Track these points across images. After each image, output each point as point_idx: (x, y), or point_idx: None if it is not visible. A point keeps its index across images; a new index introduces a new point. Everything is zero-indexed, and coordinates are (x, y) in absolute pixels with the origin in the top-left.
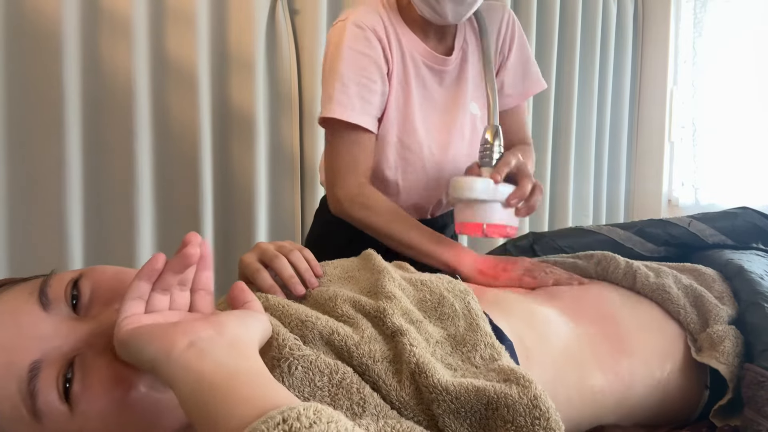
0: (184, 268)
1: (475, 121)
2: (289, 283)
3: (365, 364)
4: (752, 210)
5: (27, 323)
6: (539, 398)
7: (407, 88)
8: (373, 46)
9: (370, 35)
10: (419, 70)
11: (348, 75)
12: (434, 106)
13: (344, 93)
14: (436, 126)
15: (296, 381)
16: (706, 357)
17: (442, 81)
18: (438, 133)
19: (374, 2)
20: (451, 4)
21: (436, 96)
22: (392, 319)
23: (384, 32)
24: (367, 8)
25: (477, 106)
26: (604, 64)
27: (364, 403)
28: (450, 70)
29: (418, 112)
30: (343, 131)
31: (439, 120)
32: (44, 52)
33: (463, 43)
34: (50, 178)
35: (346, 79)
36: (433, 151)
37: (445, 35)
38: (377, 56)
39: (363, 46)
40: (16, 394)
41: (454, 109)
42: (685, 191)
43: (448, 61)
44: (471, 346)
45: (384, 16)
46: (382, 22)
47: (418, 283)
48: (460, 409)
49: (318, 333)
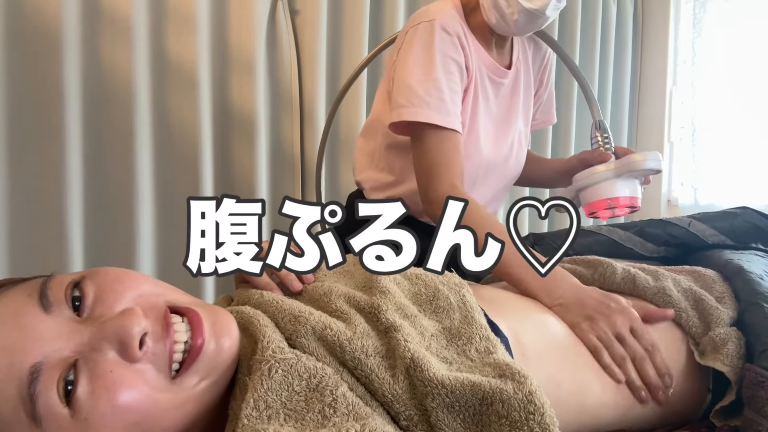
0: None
1: (521, 137)
2: (285, 279)
3: (358, 358)
4: (752, 210)
5: (28, 325)
6: (534, 394)
7: (475, 97)
8: (460, 52)
9: (455, 41)
10: (483, 79)
11: (442, 80)
12: (490, 116)
13: (441, 99)
14: (491, 137)
15: (275, 384)
16: (710, 360)
17: (498, 93)
18: (492, 144)
19: (447, 6)
20: (524, 17)
21: (493, 107)
22: (386, 315)
23: (465, 39)
24: (450, 13)
25: (523, 122)
26: (603, 64)
27: (336, 404)
28: (506, 83)
29: (480, 121)
30: (440, 135)
31: (493, 131)
32: (45, 53)
33: (518, 60)
34: (50, 178)
35: (440, 83)
36: (487, 162)
37: (504, 47)
38: (462, 62)
39: (452, 52)
40: (15, 397)
41: (506, 122)
42: (684, 191)
43: (507, 74)
44: (466, 339)
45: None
46: (462, 29)
47: (413, 276)
48: (454, 403)
49: (311, 328)
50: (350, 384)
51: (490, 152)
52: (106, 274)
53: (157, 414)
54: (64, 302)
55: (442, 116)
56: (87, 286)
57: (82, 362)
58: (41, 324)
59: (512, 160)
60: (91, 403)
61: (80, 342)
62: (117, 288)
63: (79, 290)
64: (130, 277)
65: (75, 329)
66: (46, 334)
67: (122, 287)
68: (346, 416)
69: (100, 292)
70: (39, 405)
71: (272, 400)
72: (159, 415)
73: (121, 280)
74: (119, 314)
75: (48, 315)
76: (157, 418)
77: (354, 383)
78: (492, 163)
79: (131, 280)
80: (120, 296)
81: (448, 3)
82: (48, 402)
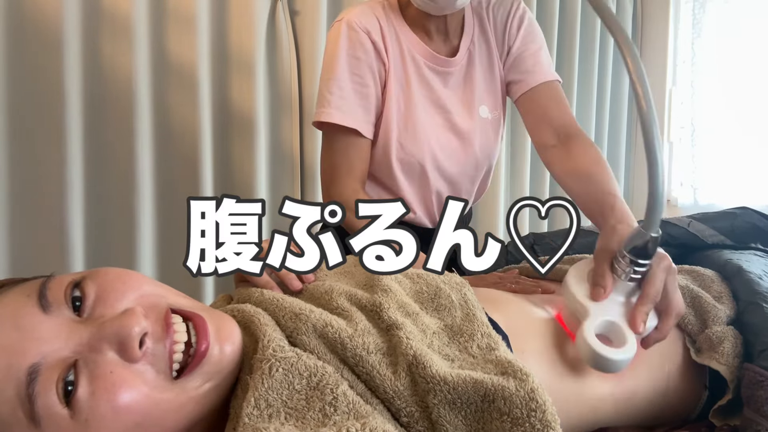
0: None
1: (486, 125)
2: (285, 278)
3: (359, 355)
4: (751, 210)
5: (26, 325)
6: (536, 391)
7: (408, 90)
8: (366, 49)
9: (363, 38)
10: (421, 71)
11: (344, 78)
12: (438, 107)
13: (341, 97)
14: (440, 127)
15: (275, 383)
16: (705, 358)
17: (446, 82)
18: (442, 134)
19: (374, 2)
20: None
21: (442, 97)
22: (388, 313)
23: (379, 33)
24: (364, 8)
25: (487, 109)
26: (603, 64)
27: (336, 402)
28: (455, 72)
29: (419, 113)
30: (340, 135)
31: (442, 122)
32: (45, 53)
33: (470, 44)
34: (51, 178)
35: (342, 82)
36: (436, 154)
37: (449, 35)
38: (370, 60)
39: (356, 49)
40: (14, 398)
41: (461, 112)
42: (684, 191)
43: (451, 63)
44: (468, 336)
45: (382, 16)
46: (378, 23)
47: (415, 275)
48: (456, 400)
49: (311, 326)
50: (351, 382)
51: (436, 142)
52: (107, 274)
53: (158, 415)
54: (63, 302)
55: (344, 116)
56: (88, 286)
57: (82, 363)
58: (40, 324)
59: (473, 147)
60: (92, 405)
61: (79, 342)
62: (118, 288)
63: (79, 290)
64: (132, 277)
65: (74, 329)
66: (44, 335)
67: (124, 287)
68: (346, 414)
69: (101, 291)
70: (37, 405)
71: (273, 399)
72: (159, 416)
73: (122, 280)
74: (119, 314)
75: (47, 315)
76: (157, 418)
77: (355, 381)
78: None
79: (133, 280)
80: (121, 296)
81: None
82: (47, 403)
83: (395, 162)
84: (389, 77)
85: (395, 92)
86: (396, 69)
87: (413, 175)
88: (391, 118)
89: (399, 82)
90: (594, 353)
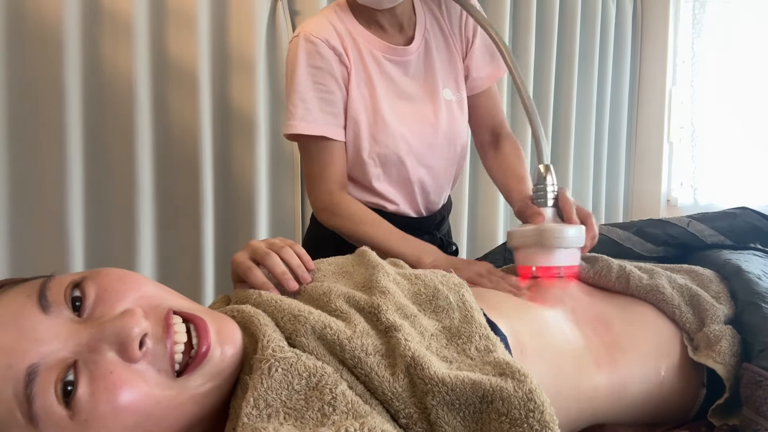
0: None
1: (451, 107)
2: (282, 279)
3: (357, 357)
4: (751, 210)
5: (26, 326)
6: (534, 392)
7: (371, 85)
8: (326, 57)
9: (322, 48)
10: (382, 65)
11: (306, 90)
12: (404, 96)
13: (305, 108)
14: (409, 116)
15: (275, 383)
16: (702, 357)
17: (407, 71)
18: (413, 122)
19: (327, 9)
20: None
21: (406, 87)
22: (386, 315)
23: (337, 39)
24: (318, 18)
25: (451, 91)
26: (603, 64)
27: (335, 402)
28: (413, 59)
29: (386, 105)
30: (310, 144)
31: (411, 110)
32: (45, 53)
33: (425, 31)
34: (51, 178)
35: (305, 94)
36: (410, 142)
37: (403, 27)
38: (331, 67)
39: (316, 60)
40: (12, 398)
41: (426, 97)
42: (683, 191)
43: (407, 51)
44: (466, 338)
45: (336, 21)
46: (334, 30)
47: (413, 277)
48: (454, 401)
49: (310, 327)
50: (350, 382)
51: (408, 130)
52: (108, 275)
53: (158, 413)
54: (63, 303)
55: (309, 125)
56: (88, 286)
57: (82, 363)
58: (39, 325)
59: (443, 130)
60: (92, 405)
61: (79, 343)
62: (119, 288)
63: (79, 290)
64: (132, 278)
65: (74, 330)
66: (43, 335)
67: (124, 287)
68: (345, 414)
69: (101, 292)
70: (36, 406)
71: (272, 399)
72: (160, 415)
73: (123, 281)
74: (120, 315)
75: (47, 316)
76: (158, 417)
77: (353, 382)
78: (416, 140)
79: (133, 281)
80: (122, 296)
81: (329, 8)
82: (45, 403)
83: (368, 159)
84: (351, 77)
85: (360, 90)
86: (357, 68)
87: (392, 167)
88: (359, 117)
89: (362, 80)
90: (557, 229)
